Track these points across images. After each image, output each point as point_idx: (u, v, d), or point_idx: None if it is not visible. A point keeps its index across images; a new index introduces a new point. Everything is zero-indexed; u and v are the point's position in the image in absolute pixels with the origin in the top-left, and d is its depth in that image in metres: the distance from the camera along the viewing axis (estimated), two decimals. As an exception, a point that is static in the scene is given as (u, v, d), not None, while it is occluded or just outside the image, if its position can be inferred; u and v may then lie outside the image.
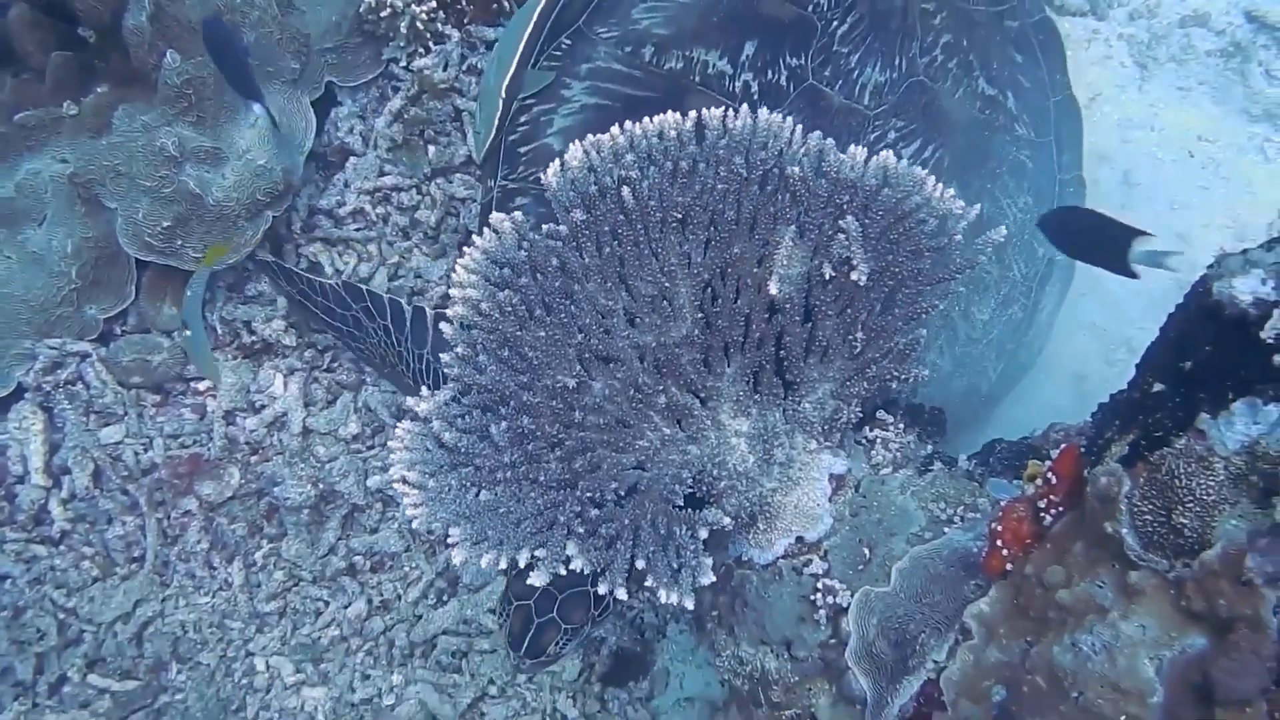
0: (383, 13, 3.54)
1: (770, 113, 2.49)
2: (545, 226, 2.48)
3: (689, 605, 2.25)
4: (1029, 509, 1.94)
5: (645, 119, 2.48)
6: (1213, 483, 1.58)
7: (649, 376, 2.45)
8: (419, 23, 3.58)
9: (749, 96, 3.01)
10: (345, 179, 3.79)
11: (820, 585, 2.43)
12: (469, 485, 2.37)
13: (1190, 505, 1.58)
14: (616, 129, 2.47)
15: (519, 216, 2.50)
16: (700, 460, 2.47)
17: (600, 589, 2.27)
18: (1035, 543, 1.92)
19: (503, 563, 2.26)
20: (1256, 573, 1.48)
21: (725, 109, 2.48)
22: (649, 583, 2.28)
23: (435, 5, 3.57)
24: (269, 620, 3.71)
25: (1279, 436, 1.56)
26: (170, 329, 3.64)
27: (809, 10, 3.14)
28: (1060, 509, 1.89)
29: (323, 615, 3.72)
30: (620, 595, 2.26)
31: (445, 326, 2.49)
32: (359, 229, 3.82)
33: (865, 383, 2.55)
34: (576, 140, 2.48)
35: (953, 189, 2.47)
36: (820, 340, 2.50)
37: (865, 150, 2.45)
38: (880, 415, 2.74)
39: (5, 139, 3.46)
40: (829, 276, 2.45)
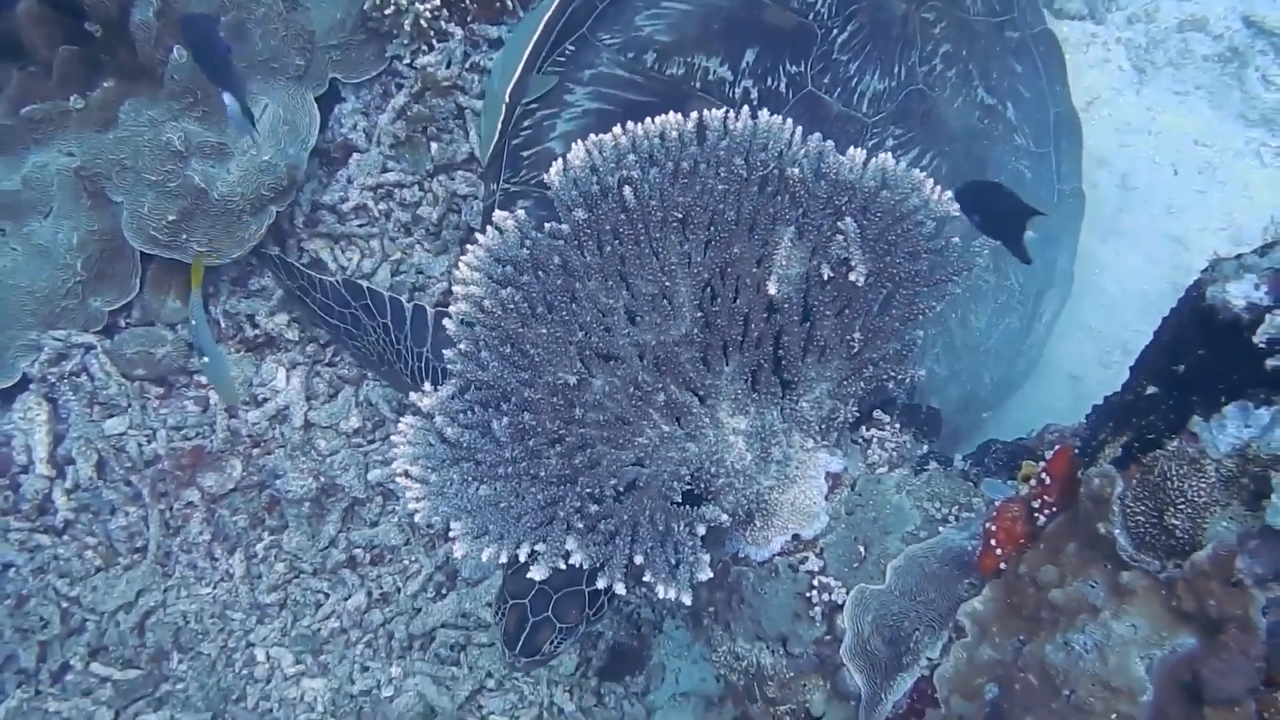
0: (387, 10, 3.56)
1: (771, 115, 2.51)
2: (548, 225, 2.50)
3: (686, 601, 2.27)
4: (1023, 509, 1.97)
5: (647, 119, 2.51)
6: (1204, 485, 1.60)
7: (649, 374, 2.47)
8: (422, 20, 3.59)
9: (749, 102, 3.03)
10: (348, 175, 3.81)
11: (816, 582, 2.46)
12: (470, 480, 2.39)
13: (1182, 507, 1.61)
14: (619, 129, 2.50)
15: (522, 215, 2.52)
16: (698, 457, 2.50)
17: (599, 584, 2.29)
18: (1029, 542, 1.95)
19: (503, 556, 2.28)
20: (1246, 574, 1.51)
21: (726, 111, 2.51)
22: (647, 578, 2.30)
23: (439, 3, 3.58)
24: (270, 611, 3.74)
25: (1270, 440, 1.58)
26: (174, 322, 3.66)
27: (809, 18, 3.16)
28: (1054, 509, 1.92)
29: (323, 607, 3.74)
30: (619, 590, 2.29)
31: (448, 323, 2.52)
32: (361, 225, 3.84)
33: (862, 382, 2.58)
34: (579, 140, 2.50)
35: (950, 193, 2.49)
36: (818, 340, 2.52)
37: (864, 152, 2.48)
38: (877, 415, 2.77)
39: (12, 132, 3.49)
40: (827, 277, 2.47)
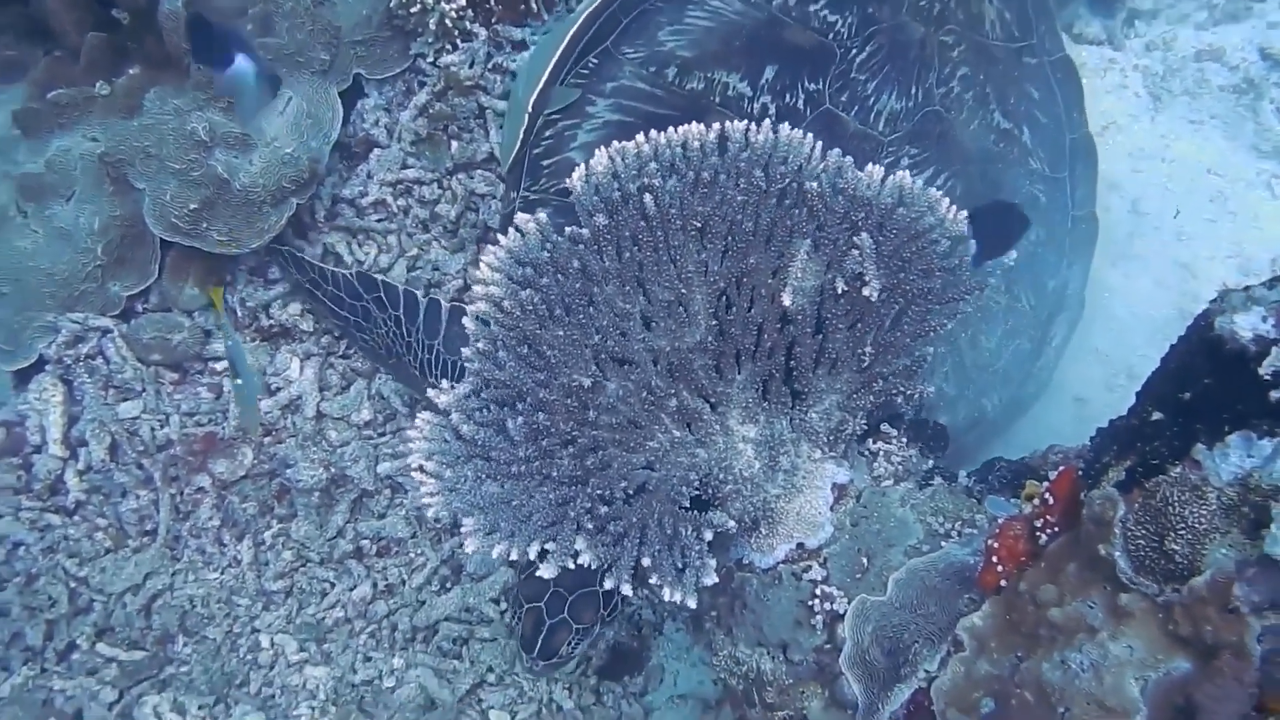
0: (413, 8, 3.59)
1: (791, 129, 2.55)
2: (568, 229, 2.54)
3: (691, 604, 2.30)
4: (1025, 528, 1.99)
5: (670, 129, 2.55)
6: (1205, 512, 1.63)
7: (662, 380, 2.51)
8: (448, 20, 3.62)
9: (766, 118, 3.07)
10: (369, 170, 3.85)
11: (818, 591, 2.49)
12: (484, 477, 2.42)
13: (1182, 532, 1.63)
14: (641, 137, 2.53)
15: (543, 218, 2.55)
16: (708, 464, 2.53)
17: (606, 584, 2.33)
18: (1030, 561, 1.97)
19: (514, 554, 2.31)
20: (1243, 601, 1.53)
21: (748, 123, 2.54)
22: (653, 581, 2.33)
23: (464, 3, 3.61)
24: (275, 598, 3.77)
25: (1271, 471, 1.60)
26: (191, 309, 3.70)
27: (829, 38, 3.21)
28: (1056, 529, 1.94)
29: (328, 596, 3.77)
30: (625, 591, 2.32)
31: (468, 321, 2.55)
32: (380, 220, 3.88)
33: (872, 396, 2.61)
34: (602, 147, 2.54)
35: (965, 213, 2.53)
36: (830, 352, 2.56)
37: (882, 169, 2.51)
38: (884, 428, 2.80)
39: (37, 115, 3.52)
40: (841, 291, 2.50)
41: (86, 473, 3.65)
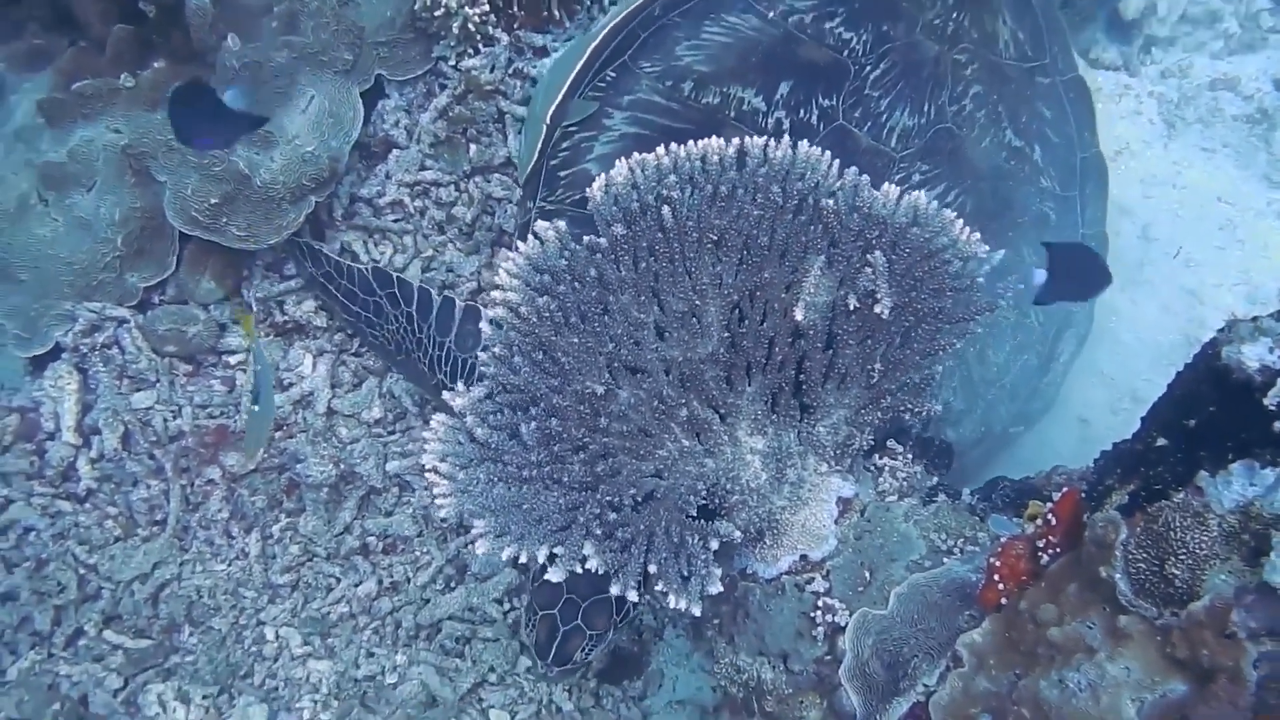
0: (436, 12, 3.63)
1: (810, 147, 2.58)
2: (586, 238, 2.57)
3: (696, 612, 2.33)
4: (1027, 547, 2.01)
5: (690, 142, 2.58)
6: (1206, 538, 1.65)
7: (673, 389, 2.54)
8: (470, 24, 3.66)
9: (780, 133, 3.10)
10: (387, 170, 3.89)
11: (820, 603, 2.52)
12: (496, 480, 2.45)
13: (1183, 557, 1.66)
14: (661, 150, 2.57)
15: (563, 226, 2.59)
16: (715, 473, 2.56)
17: (612, 590, 2.35)
18: (1031, 580, 1.99)
19: (523, 557, 2.34)
20: (1240, 627, 1.56)
21: (767, 140, 2.57)
22: (659, 587, 2.36)
23: (487, 8, 3.65)
24: (281, 592, 3.80)
25: (1273, 500, 1.63)
26: (207, 302, 3.74)
27: (844, 55, 3.24)
28: (1058, 550, 1.97)
29: (334, 591, 3.80)
30: (631, 597, 2.35)
31: (485, 325, 2.58)
32: (396, 220, 3.92)
33: (879, 412, 2.64)
34: (622, 158, 2.57)
35: (978, 235, 2.56)
36: (839, 368, 2.59)
37: (898, 189, 2.54)
38: (891, 444, 2.84)
39: (62, 105, 3.55)
40: (853, 307, 2.54)
41: (99, 461, 3.68)
